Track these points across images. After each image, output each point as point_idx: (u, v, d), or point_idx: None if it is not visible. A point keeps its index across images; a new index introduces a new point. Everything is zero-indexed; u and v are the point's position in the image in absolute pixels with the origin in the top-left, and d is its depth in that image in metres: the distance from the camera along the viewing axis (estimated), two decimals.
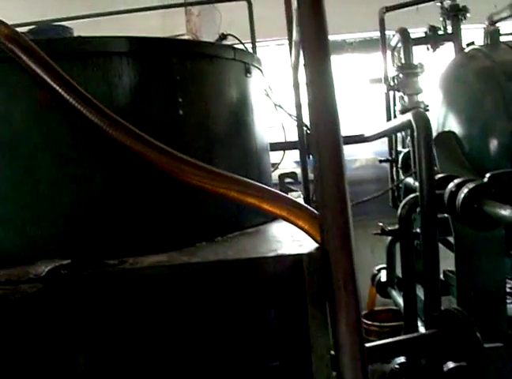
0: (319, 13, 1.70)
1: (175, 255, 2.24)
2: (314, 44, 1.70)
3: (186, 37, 8.87)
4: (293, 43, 3.94)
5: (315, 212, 2.08)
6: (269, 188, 2.16)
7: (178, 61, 2.53)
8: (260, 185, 2.13)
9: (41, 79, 2.18)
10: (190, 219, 2.52)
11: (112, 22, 7.23)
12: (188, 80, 2.56)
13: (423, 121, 3.44)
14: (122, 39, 2.45)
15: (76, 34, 3.84)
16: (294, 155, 5.82)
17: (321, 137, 1.69)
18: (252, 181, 2.14)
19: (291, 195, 4.27)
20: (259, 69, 3.25)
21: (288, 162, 7.18)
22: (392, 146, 6.92)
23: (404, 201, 3.90)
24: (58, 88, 2.16)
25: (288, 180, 4.75)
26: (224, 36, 5.17)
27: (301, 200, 3.87)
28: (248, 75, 2.99)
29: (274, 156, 4.29)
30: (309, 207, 2.14)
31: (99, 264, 2.13)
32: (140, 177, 2.37)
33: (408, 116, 3.57)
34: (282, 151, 5.57)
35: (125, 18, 7.51)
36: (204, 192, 2.14)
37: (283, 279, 2.04)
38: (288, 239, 2.37)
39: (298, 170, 6.60)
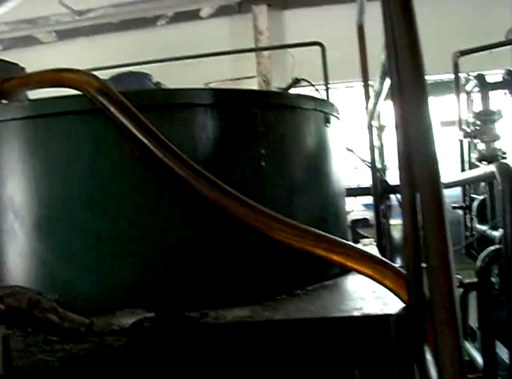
0: (417, 55, 1.68)
1: (257, 310, 2.21)
2: (413, 86, 1.67)
3: (256, 79, 9.02)
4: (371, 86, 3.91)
5: (401, 270, 2.04)
6: (355, 245, 2.13)
7: (261, 113, 2.54)
8: (345, 242, 2.11)
9: (128, 131, 2.22)
10: (271, 272, 2.50)
11: (183, 65, 7.37)
12: (270, 132, 2.56)
13: (507, 174, 3.34)
14: (206, 91, 2.49)
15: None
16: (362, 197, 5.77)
17: (423, 186, 1.64)
18: (338, 239, 2.11)
19: (363, 241, 4.22)
20: (337, 117, 3.23)
21: (356, 203, 7.13)
22: (465, 192, 6.77)
23: (484, 254, 3.79)
24: (145, 140, 2.19)
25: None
26: (297, 81, 5.19)
27: (374, 248, 3.82)
28: (327, 125, 2.98)
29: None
30: (394, 265, 2.09)
31: (180, 316, 2.12)
32: (221, 229, 2.36)
33: (492, 168, 3.49)
34: (353, 197, 5.51)
35: (196, 60, 7.62)
36: (282, 244, 2.13)
37: (368, 339, 1.99)
38: (370, 296, 2.32)
39: (364, 213, 6.56)
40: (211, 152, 2.41)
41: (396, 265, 2.12)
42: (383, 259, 2.11)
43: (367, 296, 2.32)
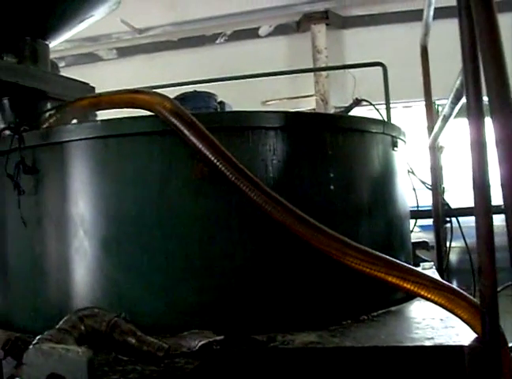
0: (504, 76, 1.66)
1: (324, 335, 2.19)
2: (500, 108, 1.65)
3: (313, 98, 9.02)
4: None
5: (475, 301, 2.00)
6: (427, 274, 2.09)
7: (331, 136, 2.53)
8: (417, 270, 2.08)
9: (200, 152, 2.23)
10: (337, 296, 2.48)
11: (240, 82, 7.41)
12: (339, 155, 2.56)
13: None
14: (277, 114, 2.49)
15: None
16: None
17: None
18: (409, 266, 2.10)
19: (423, 265, 4.14)
20: (404, 141, 3.20)
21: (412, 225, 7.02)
22: None
23: None
24: (217, 161, 2.20)
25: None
26: (358, 101, 5.16)
27: (435, 272, 3.75)
28: (395, 148, 2.95)
29: None
30: (468, 295, 2.05)
31: (248, 340, 2.12)
32: (290, 253, 2.36)
33: None
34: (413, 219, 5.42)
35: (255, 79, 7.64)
36: (349, 269, 2.12)
37: (441, 370, 1.95)
38: (439, 324, 2.28)
39: (421, 235, 6.45)
40: (281, 175, 2.41)
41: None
42: (456, 288, 2.07)
43: (436, 325, 2.27)
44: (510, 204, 1.64)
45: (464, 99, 2.26)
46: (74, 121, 3.35)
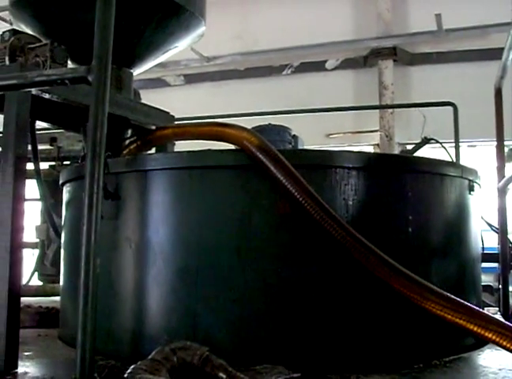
0: None
1: (396, 378, 2.18)
2: None
3: (378, 134, 9.00)
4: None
5: None
6: (508, 323, 2.07)
7: (411, 179, 2.55)
8: (500, 320, 2.06)
9: (285, 188, 2.27)
10: (409, 339, 2.47)
11: (306, 114, 7.44)
12: (418, 198, 2.56)
13: None
14: (359, 154, 2.53)
15: None
16: None
17: None
18: (491, 315, 2.07)
19: (488, 310, 4.06)
20: (479, 185, 3.19)
21: None
22: None
23: None
24: (301, 198, 2.23)
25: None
26: (427, 140, 5.15)
27: (501, 318, 3.67)
28: (471, 193, 2.94)
29: None
30: None
31: (322, 378, 2.12)
32: (368, 294, 2.37)
33: None
34: None
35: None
36: (424, 313, 2.11)
37: None
38: None
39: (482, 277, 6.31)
40: (361, 214, 2.43)
41: None
42: None
43: None
44: None
45: None
46: (153, 149, 3.45)
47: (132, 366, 1.66)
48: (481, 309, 2.26)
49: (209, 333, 2.38)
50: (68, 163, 5.60)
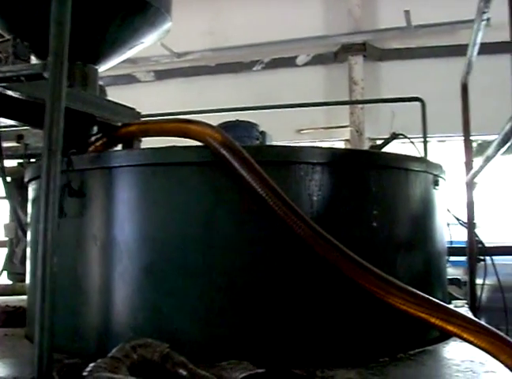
0: None
1: (364, 373, 2.19)
2: None
3: (348, 129, 9.05)
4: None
5: None
6: (471, 317, 2.10)
7: (376, 174, 2.56)
8: (462, 313, 2.08)
9: (249, 185, 2.26)
10: (375, 333, 2.48)
11: (276, 110, 7.45)
12: (383, 192, 2.58)
13: None
14: (323, 150, 2.52)
15: None
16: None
17: None
18: (454, 309, 2.10)
19: (455, 303, 4.11)
20: (444, 179, 3.21)
21: None
22: None
23: None
24: (265, 195, 2.23)
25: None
26: (395, 136, 5.18)
27: (468, 310, 3.72)
28: (436, 187, 2.97)
29: None
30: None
31: (289, 374, 2.13)
32: (333, 289, 2.38)
33: None
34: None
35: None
36: (389, 307, 2.13)
37: None
38: (480, 368, 2.27)
39: (450, 270, 6.38)
40: (325, 210, 2.43)
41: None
42: (499, 333, 2.06)
43: (477, 368, 2.26)
44: None
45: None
46: (119, 146, 3.42)
47: (91, 364, 1.65)
48: (445, 303, 2.28)
49: (175, 330, 2.38)
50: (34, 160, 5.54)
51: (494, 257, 5.08)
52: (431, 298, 2.09)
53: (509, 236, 7.17)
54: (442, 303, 2.11)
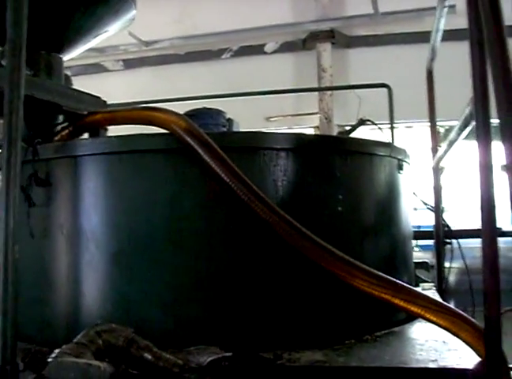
0: None
1: (329, 354, 2.23)
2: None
3: (317, 116, 9.07)
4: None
5: (478, 324, 2.04)
6: (434, 298, 2.14)
7: (340, 159, 2.59)
8: (424, 293, 2.12)
9: (213, 171, 2.28)
10: (341, 316, 2.52)
11: (245, 98, 7.45)
12: (348, 178, 2.61)
13: None
14: (288, 135, 2.54)
15: None
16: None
17: None
18: (416, 290, 2.15)
19: (423, 285, 4.18)
20: (408, 163, 3.26)
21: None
22: None
23: None
24: (229, 181, 2.25)
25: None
26: (362, 122, 5.21)
27: (435, 293, 3.79)
28: (400, 171, 3.01)
29: None
30: (472, 319, 2.10)
31: (256, 357, 2.15)
32: (298, 273, 2.40)
33: None
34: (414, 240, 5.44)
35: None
36: (354, 289, 2.17)
37: None
38: (443, 347, 2.32)
39: (420, 254, 6.46)
40: (290, 195, 2.46)
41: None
42: (460, 312, 2.12)
43: (439, 347, 2.31)
44: None
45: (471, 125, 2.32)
46: (86, 135, 3.40)
47: (56, 350, 1.66)
48: (411, 286, 2.32)
49: (143, 317, 2.39)
50: None
51: (462, 241, 5.16)
52: (394, 280, 2.13)
53: (476, 220, 7.26)
54: (405, 285, 2.15)
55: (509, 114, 1.65)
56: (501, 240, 1.94)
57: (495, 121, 1.80)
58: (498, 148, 1.80)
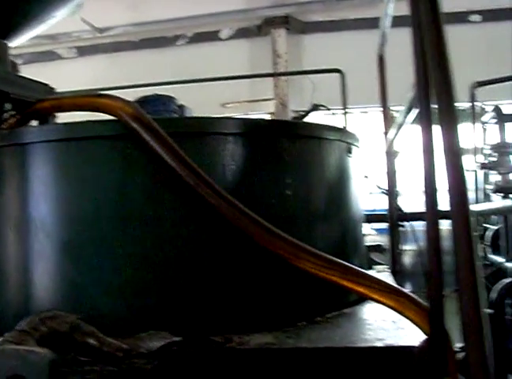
0: (450, 85, 1.77)
1: (279, 336, 2.25)
2: (446, 115, 1.75)
3: (273, 102, 9.11)
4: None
5: (424, 303, 2.09)
6: (380, 278, 2.18)
7: (288, 143, 2.60)
8: (370, 274, 2.16)
9: (160, 157, 2.27)
10: (291, 298, 2.54)
11: (200, 85, 7.44)
12: (296, 162, 2.63)
13: None
14: (236, 120, 2.54)
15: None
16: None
17: (456, 213, 1.73)
18: (363, 271, 2.18)
19: (377, 268, 4.25)
20: (358, 147, 3.29)
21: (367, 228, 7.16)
22: (478, 222, 6.78)
23: (499, 286, 3.82)
24: (176, 166, 2.25)
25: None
26: (315, 107, 5.26)
27: (388, 275, 3.85)
28: (349, 155, 3.04)
29: None
30: (417, 298, 2.14)
31: (206, 340, 2.17)
32: (245, 257, 2.42)
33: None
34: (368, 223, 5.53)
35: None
36: (303, 272, 2.19)
37: (391, 370, 2.03)
38: (391, 326, 2.36)
39: (375, 238, 6.56)
40: (239, 180, 2.47)
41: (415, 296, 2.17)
42: (405, 291, 2.16)
43: (388, 326, 2.36)
44: (456, 210, 1.74)
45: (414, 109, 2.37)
46: (35, 122, 3.36)
47: None
48: (361, 268, 2.35)
49: (94, 305, 2.38)
50: None
51: (416, 224, 5.26)
52: (342, 261, 2.16)
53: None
54: (353, 266, 2.18)
55: (443, 99, 1.69)
56: (446, 222, 1.98)
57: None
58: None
